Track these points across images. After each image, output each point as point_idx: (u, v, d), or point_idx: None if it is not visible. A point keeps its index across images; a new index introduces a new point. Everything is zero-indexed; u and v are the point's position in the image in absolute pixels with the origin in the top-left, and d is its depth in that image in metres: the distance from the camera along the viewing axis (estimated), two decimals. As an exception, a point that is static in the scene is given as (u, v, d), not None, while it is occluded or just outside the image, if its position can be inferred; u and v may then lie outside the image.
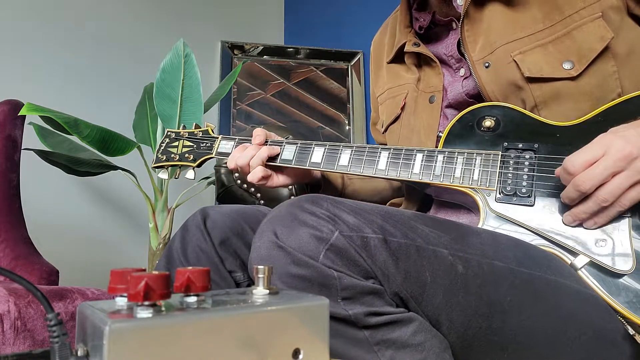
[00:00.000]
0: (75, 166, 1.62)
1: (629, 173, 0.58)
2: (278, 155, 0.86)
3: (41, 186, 1.85)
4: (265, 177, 0.86)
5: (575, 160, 0.60)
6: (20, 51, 1.87)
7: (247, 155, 0.85)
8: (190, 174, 0.94)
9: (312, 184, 0.96)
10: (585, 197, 0.61)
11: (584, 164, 0.60)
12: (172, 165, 0.97)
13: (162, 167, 0.97)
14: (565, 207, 0.65)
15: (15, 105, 1.42)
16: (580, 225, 0.64)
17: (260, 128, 0.89)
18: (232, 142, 0.91)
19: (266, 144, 0.87)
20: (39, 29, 1.93)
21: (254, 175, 0.84)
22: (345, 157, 0.81)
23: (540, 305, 0.59)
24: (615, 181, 0.59)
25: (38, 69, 1.91)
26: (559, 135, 0.69)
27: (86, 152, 1.73)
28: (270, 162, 0.86)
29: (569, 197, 0.62)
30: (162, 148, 0.98)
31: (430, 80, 0.87)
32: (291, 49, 2.49)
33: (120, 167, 1.71)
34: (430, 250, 0.57)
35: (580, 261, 0.63)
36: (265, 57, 2.48)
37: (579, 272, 0.63)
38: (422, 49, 0.86)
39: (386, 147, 0.79)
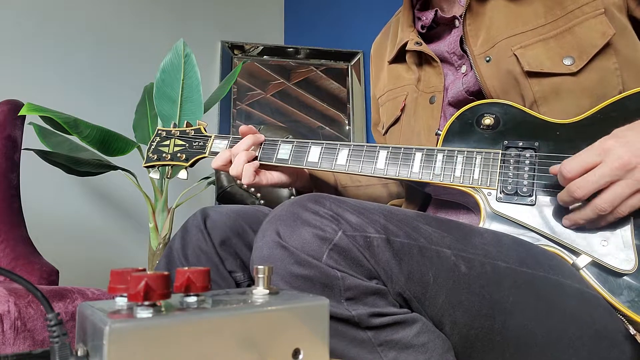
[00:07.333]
0: (75, 166, 1.62)
1: (628, 182, 0.58)
2: (274, 152, 0.85)
3: (41, 186, 1.85)
4: (256, 173, 0.83)
5: (571, 165, 0.60)
6: (20, 51, 1.87)
7: (235, 150, 0.83)
8: (182, 174, 0.92)
9: (303, 192, 0.94)
10: (583, 203, 0.61)
11: (580, 169, 0.60)
12: (163, 165, 0.94)
13: (153, 166, 0.95)
14: (566, 207, 0.65)
15: (15, 105, 1.42)
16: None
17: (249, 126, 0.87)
18: (225, 141, 0.89)
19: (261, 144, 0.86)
20: (39, 29, 1.92)
21: (246, 174, 0.81)
22: (342, 155, 0.80)
23: (542, 305, 0.59)
24: (615, 190, 0.58)
25: (38, 69, 1.91)
26: (559, 132, 0.69)
27: (86, 152, 1.73)
28: (267, 162, 0.85)
29: (563, 201, 0.62)
30: (153, 147, 0.96)
31: (430, 80, 0.86)
32: (291, 49, 2.49)
33: (120, 167, 1.71)
34: (433, 250, 0.57)
35: (582, 261, 0.63)
36: (265, 57, 2.48)
37: (581, 271, 0.63)
38: (424, 47, 0.86)
39: (384, 145, 0.78)
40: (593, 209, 0.60)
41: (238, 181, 0.87)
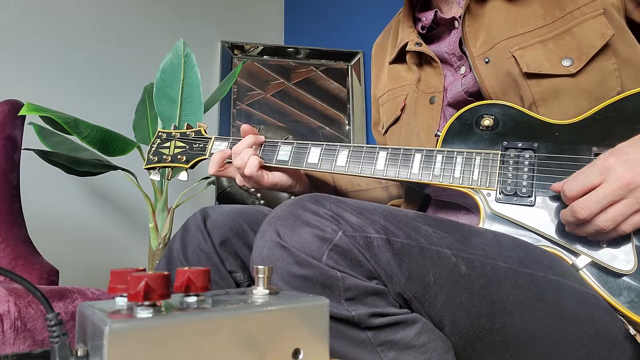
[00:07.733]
0: (75, 166, 1.62)
1: (630, 201, 0.58)
2: (274, 154, 0.85)
3: (41, 186, 1.85)
4: (259, 168, 0.84)
5: (573, 184, 0.60)
6: (20, 51, 1.87)
7: (238, 147, 0.84)
8: (183, 175, 0.92)
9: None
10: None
11: (582, 189, 0.59)
12: (164, 167, 0.95)
13: (154, 168, 0.96)
14: (565, 208, 0.65)
15: (15, 105, 1.41)
16: None
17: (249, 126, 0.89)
18: (225, 143, 0.90)
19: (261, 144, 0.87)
20: (39, 29, 1.92)
21: (251, 164, 0.82)
22: (342, 157, 0.80)
23: (542, 306, 0.59)
24: (617, 209, 0.58)
25: (38, 69, 1.91)
26: (558, 133, 0.69)
27: (86, 152, 1.73)
28: (267, 164, 0.86)
29: (566, 221, 0.62)
30: (154, 149, 0.96)
31: (430, 81, 0.86)
32: (291, 49, 2.49)
33: (120, 167, 1.71)
34: (433, 250, 0.57)
35: (581, 261, 0.63)
36: (265, 57, 2.48)
37: (581, 272, 0.63)
38: (424, 48, 0.86)
39: (384, 147, 0.78)
40: (595, 227, 0.59)
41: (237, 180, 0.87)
